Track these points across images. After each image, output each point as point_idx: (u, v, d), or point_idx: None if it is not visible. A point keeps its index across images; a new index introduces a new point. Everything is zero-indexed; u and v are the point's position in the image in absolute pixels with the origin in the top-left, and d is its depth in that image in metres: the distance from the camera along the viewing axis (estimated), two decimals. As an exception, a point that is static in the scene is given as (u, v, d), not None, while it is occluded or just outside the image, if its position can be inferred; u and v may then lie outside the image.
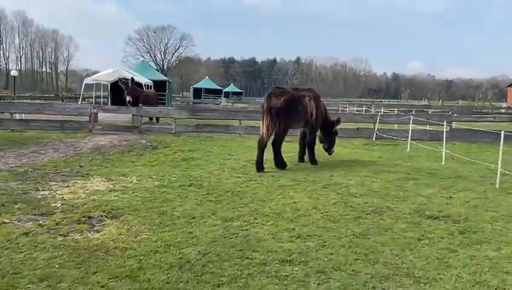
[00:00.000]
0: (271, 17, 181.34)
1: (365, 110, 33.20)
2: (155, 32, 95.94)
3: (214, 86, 68.69)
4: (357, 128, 16.95)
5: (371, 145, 15.00)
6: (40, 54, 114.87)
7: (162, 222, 5.86)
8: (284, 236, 5.37)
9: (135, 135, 16.26)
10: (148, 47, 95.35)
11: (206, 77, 69.90)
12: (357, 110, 35.84)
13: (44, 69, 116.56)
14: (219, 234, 5.40)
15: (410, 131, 14.35)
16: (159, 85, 34.45)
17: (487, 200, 7.33)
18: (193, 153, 12.22)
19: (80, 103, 27.39)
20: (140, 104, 16.97)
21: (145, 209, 6.42)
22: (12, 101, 17.90)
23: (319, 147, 11.40)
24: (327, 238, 5.34)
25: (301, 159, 11.08)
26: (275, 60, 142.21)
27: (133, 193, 7.42)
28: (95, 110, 16.60)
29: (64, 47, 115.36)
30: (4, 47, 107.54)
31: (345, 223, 5.95)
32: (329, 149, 11.37)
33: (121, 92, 25.07)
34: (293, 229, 5.61)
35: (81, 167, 9.86)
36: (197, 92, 63.26)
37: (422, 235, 5.49)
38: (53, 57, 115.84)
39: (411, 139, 14.54)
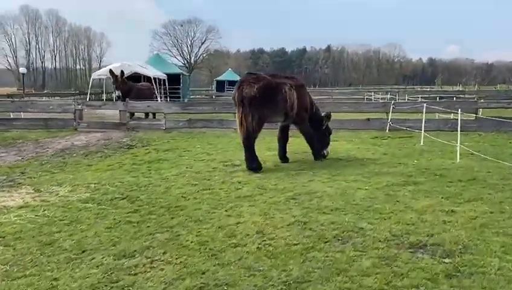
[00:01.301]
0: (301, 4, 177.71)
1: (390, 98, 30.78)
2: (181, 26, 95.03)
3: (237, 78, 66.94)
4: (367, 119, 14.96)
5: (380, 139, 13.02)
6: (74, 51, 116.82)
7: (34, 259, 4.33)
8: (181, 287, 3.72)
9: (121, 133, 14.91)
10: (175, 41, 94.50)
11: (229, 69, 68.18)
12: (381, 99, 33.39)
13: (78, 67, 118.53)
14: (90, 283, 3.81)
15: (423, 121, 12.27)
16: (173, 78, 33.25)
17: (501, 217, 5.42)
18: (168, 153, 10.71)
19: (88, 99, 26.40)
20: (127, 99, 15.58)
21: (31, 237, 4.92)
22: None
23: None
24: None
25: (283, 158, 9.35)
26: (304, 49, 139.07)
27: (44, 210, 5.95)
28: (79, 107, 15.34)
29: (97, 44, 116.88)
30: (39, 46, 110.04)
31: (285, 260, 4.23)
32: (318, 153, 9.52)
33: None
34: (203, 274, 3.95)
35: (22, 173, 8.53)
36: (221, 85, 61.73)
37: (388, 283, 3.72)
38: (86, 54, 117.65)
39: (429, 130, 12.53)
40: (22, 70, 46.14)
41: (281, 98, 8.55)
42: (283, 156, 9.35)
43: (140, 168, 8.91)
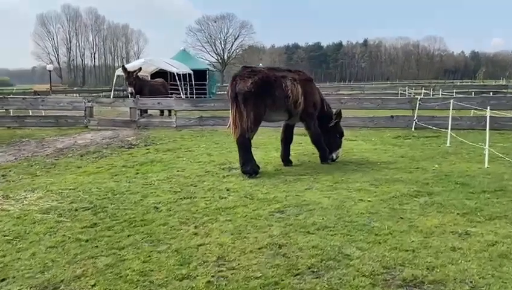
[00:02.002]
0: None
1: (424, 93, 29.05)
2: (215, 22, 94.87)
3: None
4: (391, 116, 13.74)
5: (402, 139, 11.85)
6: (112, 49, 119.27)
7: None
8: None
9: (130, 131, 14.36)
10: (208, 37, 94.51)
11: (260, 65, 67.54)
12: (414, 94, 31.63)
13: (116, 64, 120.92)
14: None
15: (450, 119, 10.98)
16: (199, 74, 32.68)
17: (528, 244, 4.33)
18: (166, 154, 9.98)
19: (111, 96, 26.20)
20: (137, 96, 15.00)
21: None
22: (6, 96, 16.75)
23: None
24: None
25: (286, 161, 8.42)
26: (340, 44, 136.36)
27: (-7, 223, 5.31)
28: (89, 104, 14.90)
29: (134, 41, 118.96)
30: (79, 44, 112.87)
31: (234, 299, 3.36)
32: (325, 155, 8.53)
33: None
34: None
35: (2, 176, 7.99)
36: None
37: None
38: (124, 52, 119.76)
39: (460, 129, 11.30)
40: (49, 67, 46.94)
41: (281, 93, 7.63)
42: (286, 159, 8.44)
43: (129, 171, 8.20)
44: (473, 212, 5.30)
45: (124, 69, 16.47)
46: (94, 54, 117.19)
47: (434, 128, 12.31)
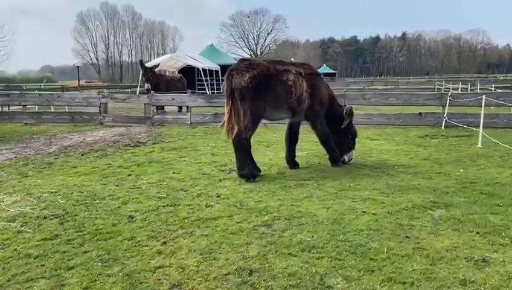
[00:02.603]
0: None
1: (461, 88, 27.38)
2: (248, 17, 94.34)
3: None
4: (419, 113, 12.67)
5: (430, 138, 10.82)
6: (149, 45, 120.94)
7: None
8: None
9: (144, 127, 13.92)
10: (242, 32, 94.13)
11: (292, 59, 66.44)
12: (453, 89, 29.94)
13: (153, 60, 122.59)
14: None
15: (482, 117, 9.86)
16: (226, 69, 32.15)
17: (562, 278, 3.43)
18: (170, 153, 9.40)
19: (137, 92, 26.03)
20: (152, 91, 14.54)
21: None
22: (22, 93, 16.67)
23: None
24: None
25: (291, 163, 7.67)
26: (377, 37, 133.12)
27: (-49, 231, 4.83)
28: (104, 100, 14.54)
29: (170, 38, 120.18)
30: (117, 41, 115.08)
31: None
32: (335, 156, 7.74)
33: (189, 78, 23.14)
34: None
35: (-12, 177, 7.62)
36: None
37: None
38: (160, 48, 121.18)
39: (496, 128, 10.18)
40: (77, 63, 47.59)
41: (282, 89, 6.87)
42: (291, 161, 7.68)
43: (123, 172, 7.65)
44: (497, 231, 4.41)
45: (142, 64, 16.06)
46: (131, 50, 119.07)
47: (466, 126, 11.21)
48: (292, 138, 7.67)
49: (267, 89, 6.69)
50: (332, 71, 77.93)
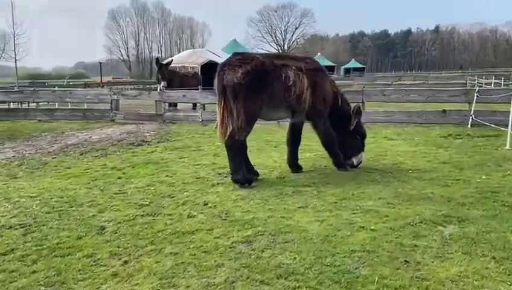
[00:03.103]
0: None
1: (494, 82, 25.90)
2: (276, 11, 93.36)
3: (327, 62, 63.90)
4: (443, 110, 11.75)
5: (453, 138, 9.95)
6: (178, 41, 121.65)
7: None
8: None
9: (154, 125, 13.52)
10: (269, 27, 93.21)
11: (319, 54, 65.34)
12: (485, 84, 28.43)
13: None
14: None
15: (511, 116, 8.92)
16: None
17: None
18: (171, 154, 8.92)
19: (158, 89, 25.75)
20: (163, 88, 14.13)
21: None
22: (36, 90, 16.54)
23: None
24: None
25: (294, 167, 7.04)
26: (409, 31, 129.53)
27: None
28: (115, 97, 14.23)
29: (199, 34, 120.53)
30: (147, 37, 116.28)
31: None
32: (339, 160, 7.06)
33: (209, 73, 22.60)
34: None
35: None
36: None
37: None
38: (189, 44, 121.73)
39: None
40: (100, 59, 47.99)
41: (280, 86, 6.23)
42: (293, 164, 7.05)
43: (113, 175, 7.19)
44: (515, 257, 3.68)
45: (158, 61, 15.66)
46: (161, 46, 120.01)
47: (494, 125, 10.27)
48: (294, 139, 7.03)
49: (262, 86, 6.08)
50: (361, 66, 76.19)
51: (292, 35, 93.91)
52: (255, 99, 6.05)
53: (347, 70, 69.40)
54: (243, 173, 6.15)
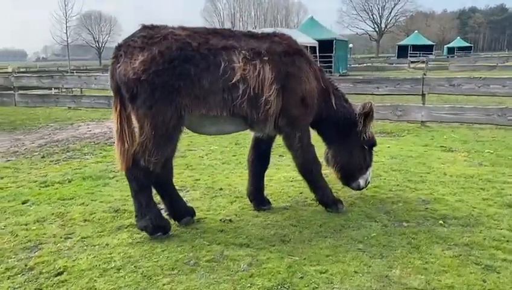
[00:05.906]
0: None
1: None
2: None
3: (424, 41, 57.52)
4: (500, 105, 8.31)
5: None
6: (273, 22, 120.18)
7: None
8: None
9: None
10: (365, 3, 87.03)
11: (415, 31, 58.99)
12: None
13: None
14: None
15: None
16: (324, 45, 28.56)
17: None
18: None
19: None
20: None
21: None
22: (64, 74, 15.58)
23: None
24: None
25: (257, 201, 4.66)
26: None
27: None
28: (138, 83, 12.65)
29: (295, 13, 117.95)
30: (243, 19, 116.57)
31: None
32: (324, 196, 4.51)
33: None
34: None
35: None
36: (403, 50, 53.66)
37: None
38: (284, 24, 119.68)
39: None
40: None
41: (216, 81, 3.84)
42: (256, 197, 4.67)
43: (25, 193, 5.41)
44: None
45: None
46: (255, 27, 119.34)
47: None
48: (259, 161, 4.63)
49: (181, 81, 3.75)
50: (467, 45, 67.87)
51: (390, 12, 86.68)
52: (166, 103, 3.74)
53: (450, 50, 62.15)
54: (154, 216, 3.93)
